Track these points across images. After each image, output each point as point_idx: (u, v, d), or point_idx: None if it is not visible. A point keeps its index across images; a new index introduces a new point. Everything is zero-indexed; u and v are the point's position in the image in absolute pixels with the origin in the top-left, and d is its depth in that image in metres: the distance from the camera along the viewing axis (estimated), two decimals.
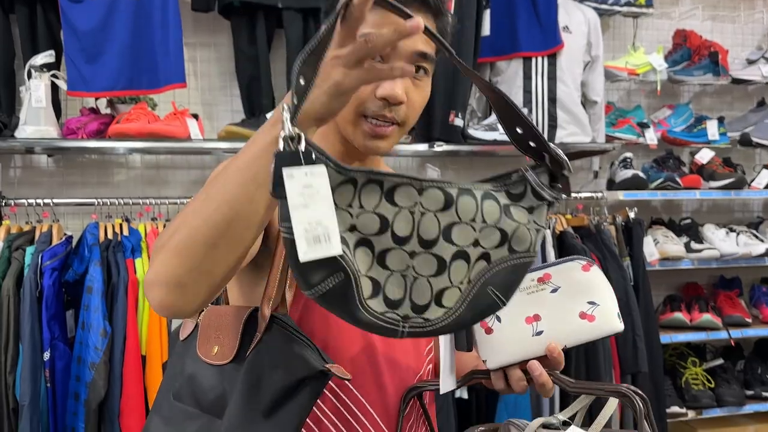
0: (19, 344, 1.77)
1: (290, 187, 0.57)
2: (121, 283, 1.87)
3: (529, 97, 2.37)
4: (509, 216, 0.67)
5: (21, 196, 2.04)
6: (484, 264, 0.66)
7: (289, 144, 0.58)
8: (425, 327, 0.64)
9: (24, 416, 1.71)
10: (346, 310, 0.61)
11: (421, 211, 0.64)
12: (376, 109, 0.82)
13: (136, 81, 2.00)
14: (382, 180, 0.63)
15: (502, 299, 0.66)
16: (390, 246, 0.63)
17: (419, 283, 0.64)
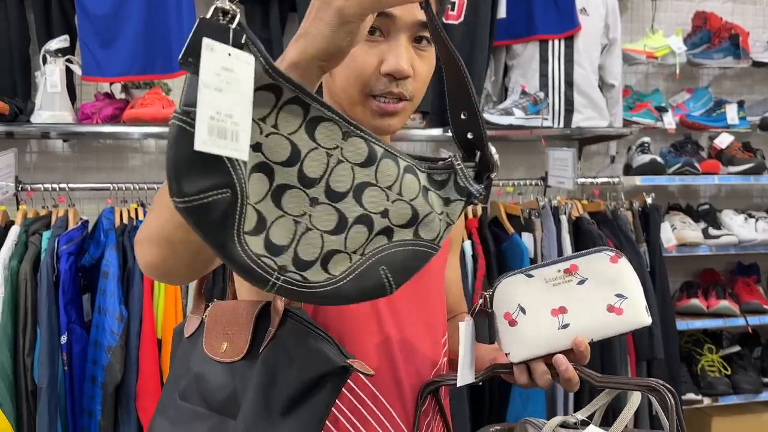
0: (36, 328, 1.79)
1: (207, 61, 0.47)
2: (136, 268, 1.88)
3: (546, 80, 2.34)
4: (426, 198, 0.61)
5: (37, 181, 2.05)
6: (384, 240, 0.59)
7: (220, 17, 0.49)
8: (301, 287, 0.55)
9: (42, 399, 1.73)
10: (218, 238, 0.51)
11: (339, 159, 0.56)
12: (382, 87, 0.79)
13: (150, 66, 2.00)
14: (309, 105, 0.55)
15: (392, 284, 0.60)
16: (292, 183, 0.54)
17: (310, 236, 0.55)
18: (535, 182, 2.33)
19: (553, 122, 2.32)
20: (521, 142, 2.53)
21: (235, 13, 0.50)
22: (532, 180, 2.34)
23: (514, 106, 2.19)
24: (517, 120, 2.17)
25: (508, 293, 0.80)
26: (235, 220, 0.51)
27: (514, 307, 0.80)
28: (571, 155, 2.19)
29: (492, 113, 2.21)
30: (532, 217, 2.13)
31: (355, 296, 0.59)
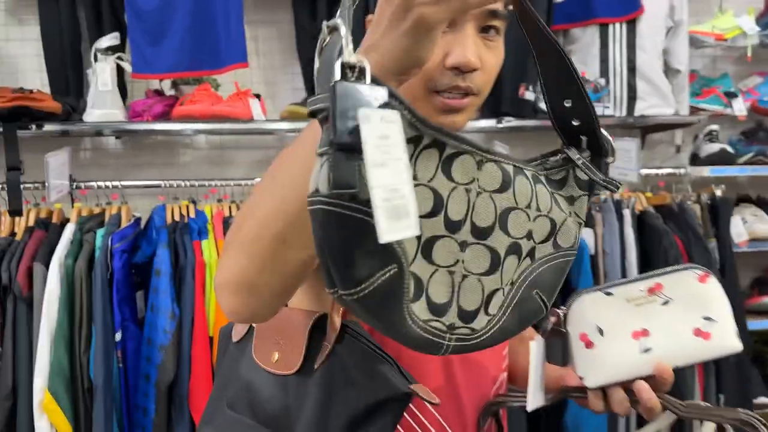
0: (91, 326, 1.80)
1: (368, 136, 0.40)
2: (188, 266, 1.88)
3: (606, 66, 2.22)
4: (557, 204, 0.57)
5: (91, 178, 2.07)
6: (528, 261, 0.55)
7: (348, 75, 0.43)
8: (471, 339, 0.52)
9: (98, 396, 1.75)
10: (389, 317, 0.46)
11: (477, 192, 0.51)
12: (447, 82, 0.71)
13: (198, 62, 1.98)
14: (445, 144, 0.50)
15: (546, 304, 0.57)
16: (439, 233, 0.50)
17: (469, 284, 0.51)
18: None
19: (615, 110, 2.20)
20: None
21: (364, 65, 0.43)
22: None
23: None
24: None
25: (585, 312, 0.73)
26: (404, 294, 0.46)
27: (591, 327, 0.72)
28: (635, 145, 2.07)
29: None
30: (591, 212, 2.03)
31: (517, 329, 0.56)
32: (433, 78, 0.73)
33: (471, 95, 0.74)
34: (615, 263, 1.98)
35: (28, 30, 2.21)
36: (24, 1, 2.21)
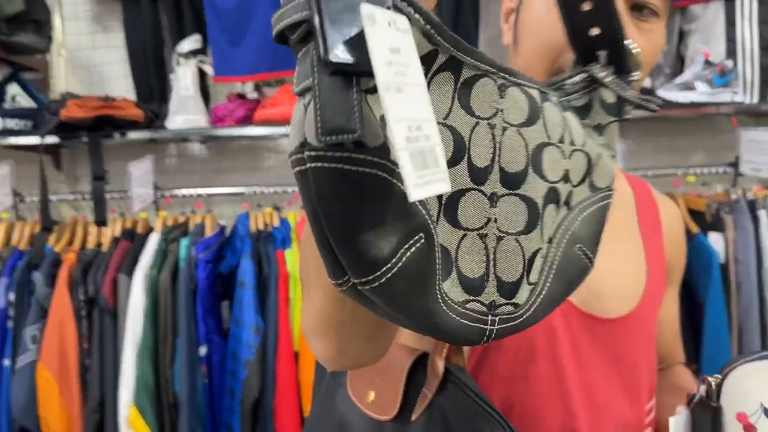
0: (176, 338, 1.76)
1: (376, 45, 0.27)
2: (272, 277, 1.80)
3: (734, 46, 1.93)
4: (590, 136, 0.47)
5: (176, 185, 2.04)
6: (565, 210, 0.44)
7: None
8: (516, 318, 0.40)
9: (183, 411, 1.70)
10: (421, 306, 0.35)
11: (502, 126, 0.39)
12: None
13: (279, 62, 1.89)
14: (462, 64, 0.37)
15: (591, 260, 0.46)
16: (465, 186, 0.37)
17: (505, 247, 0.39)
18: (722, 170, 1.94)
19: (745, 96, 1.92)
20: (700, 120, 2.14)
21: None
22: (719, 167, 1.95)
23: (697, 79, 1.82)
24: (700, 96, 1.81)
25: (745, 386, 0.57)
26: (435, 272, 0.35)
27: (752, 406, 0.56)
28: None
29: (668, 89, 1.86)
30: (721, 213, 1.77)
31: (564, 293, 0.45)
32: (560, 58, 0.62)
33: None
34: (750, 273, 1.71)
35: (114, 37, 2.21)
36: (108, 9, 2.20)
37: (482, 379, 0.67)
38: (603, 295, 0.71)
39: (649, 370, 0.76)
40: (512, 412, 0.66)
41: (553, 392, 0.67)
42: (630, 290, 0.74)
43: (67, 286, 1.75)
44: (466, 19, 2.04)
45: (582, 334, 0.69)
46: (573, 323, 0.69)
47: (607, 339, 0.71)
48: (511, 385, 0.67)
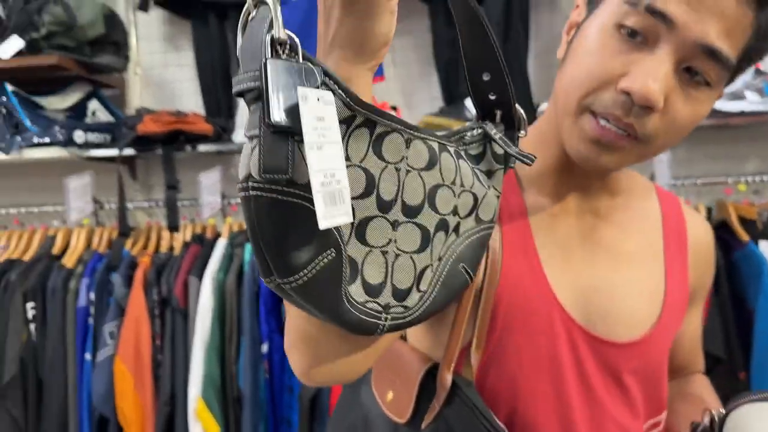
0: (240, 336, 1.87)
1: (306, 116, 0.39)
2: None
3: None
4: (478, 179, 0.57)
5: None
6: (453, 236, 0.55)
7: (280, 51, 0.40)
8: (405, 317, 0.51)
9: (246, 405, 1.82)
10: (329, 303, 0.45)
11: (406, 170, 0.50)
12: (608, 104, 0.59)
13: None
14: (375, 123, 0.47)
15: (471, 276, 0.56)
16: (372, 213, 0.48)
17: (401, 263, 0.50)
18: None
19: None
20: (753, 128, 2.13)
21: (296, 42, 0.41)
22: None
23: (747, 89, 1.83)
24: (750, 105, 1.81)
25: (746, 425, 0.58)
26: (342, 278, 0.45)
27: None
28: None
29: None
30: None
31: (445, 301, 0.54)
32: (596, 93, 0.60)
33: (633, 138, 0.60)
34: None
35: (184, 56, 2.37)
36: (179, 30, 2.36)
37: (488, 391, 0.68)
38: (610, 318, 0.71)
39: (657, 392, 0.75)
40: (515, 427, 0.68)
41: (555, 414, 0.68)
42: (641, 317, 0.72)
43: (142, 287, 1.90)
44: (516, 30, 2.09)
45: (586, 355, 0.69)
46: (578, 344, 0.69)
47: (613, 362, 0.70)
48: (514, 401, 0.68)
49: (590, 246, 0.73)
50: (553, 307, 0.69)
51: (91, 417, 1.88)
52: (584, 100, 0.61)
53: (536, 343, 0.68)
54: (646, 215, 0.78)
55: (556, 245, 0.72)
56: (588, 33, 0.63)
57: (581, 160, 0.65)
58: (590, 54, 0.62)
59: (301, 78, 0.40)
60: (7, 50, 2.02)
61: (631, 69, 0.58)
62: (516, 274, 0.69)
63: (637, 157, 0.64)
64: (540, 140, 0.73)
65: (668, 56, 0.57)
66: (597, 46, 0.61)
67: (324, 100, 0.41)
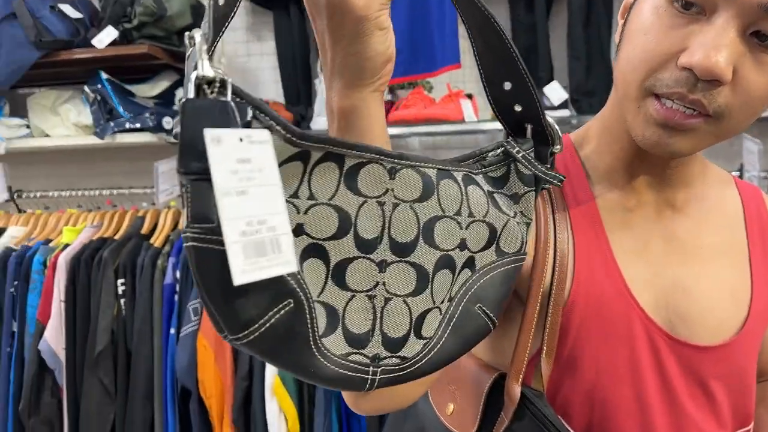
0: None
1: (217, 161, 0.35)
2: None
3: None
4: (496, 206, 0.50)
5: None
6: (468, 273, 0.49)
7: (205, 91, 0.37)
8: (402, 369, 0.45)
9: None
10: (295, 358, 0.40)
11: (393, 202, 0.45)
12: (671, 83, 0.55)
13: (413, 66, 2.01)
14: (344, 156, 0.43)
15: (493, 319, 0.50)
16: (352, 254, 0.44)
17: (393, 307, 0.45)
18: None
19: None
20: None
21: (225, 78, 0.38)
22: None
23: None
24: None
25: None
26: (308, 330, 0.41)
27: None
28: None
29: None
30: None
31: (460, 349, 0.48)
32: (656, 74, 0.56)
33: (704, 116, 0.55)
34: None
35: (266, 45, 2.44)
36: (262, 20, 2.44)
37: (560, 401, 0.66)
38: (693, 320, 0.67)
39: (745, 400, 0.70)
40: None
41: (635, 419, 0.65)
42: (726, 319, 0.68)
43: None
44: (599, 17, 2.04)
45: (668, 359, 0.66)
46: (659, 347, 0.66)
47: (697, 366, 0.67)
48: (590, 409, 0.65)
49: (669, 242, 0.69)
50: (632, 309, 0.65)
51: (174, 388, 2.00)
52: (645, 82, 0.57)
53: (614, 348, 0.65)
54: (725, 208, 0.73)
55: (633, 242, 0.68)
56: (640, 12, 0.60)
57: (650, 146, 0.60)
58: (645, 33, 0.57)
59: (226, 117, 0.37)
60: (102, 40, 2.14)
61: (690, 42, 0.53)
62: (590, 276, 0.65)
63: (712, 137, 0.58)
64: (606, 133, 0.68)
65: (729, 23, 0.52)
66: (651, 24, 0.57)
67: (252, 140, 0.37)
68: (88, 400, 2.00)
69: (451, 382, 0.68)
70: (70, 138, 2.27)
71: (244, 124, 0.38)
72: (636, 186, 0.69)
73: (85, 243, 2.11)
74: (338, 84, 0.46)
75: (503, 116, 0.53)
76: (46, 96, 2.30)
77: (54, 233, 2.23)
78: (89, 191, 2.32)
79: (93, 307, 2.04)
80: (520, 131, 0.53)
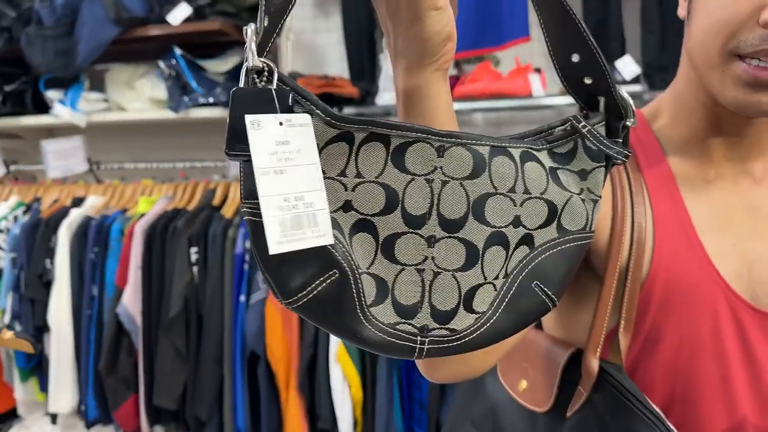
0: None
1: (257, 143, 0.40)
2: None
3: None
4: (558, 183, 0.49)
5: None
6: (526, 250, 0.48)
7: (255, 79, 0.42)
8: (452, 341, 0.46)
9: None
10: (342, 324, 0.44)
11: (442, 180, 0.46)
12: (755, 43, 0.56)
13: (480, 39, 2.00)
14: (389, 135, 0.45)
15: (552, 297, 0.49)
16: (400, 230, 0.46)
17: (442, 281, 0.46)
18: None
19: None
20: None
21: (272, 68, 0.42)
22: None
23: None
24: None
25: None
26: (354, 299, 0.44)
27: None
28: None
29: None
30: None
31: (515, 325, 0.48)
32: (737, 35, 0.57)
33: None
34: None
35: (333, 21, 2.47)
36: None
37: (640, 376, 0.66)
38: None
39: None
40: (673, 410, 0.65)
41: (718, 390, 0.65)
42: None
43: None
44: None
45: (752, 330, 0.66)
46: (742, 318, 0.66)
47: None
48: (671, 382, 0.66)
49: (749, 212, 0.69)
50: (714, 282, 0.66)
51: (243, 352, 2.08)
52: (727, 46, 0.58)
53: (697, 321, 0.65)
54: None
55: (713, 214, 0.68)
56: None
57: (742, 107, 0.60)
58: (715, 2, 0.59)
59: (269, 104, 0.41)
60: (177, 16, 2.22)
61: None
62: (671, 249, 0.66)
63: None
64: (679, 105, 0.69)
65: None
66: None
67: (292, 123, 0.41)
68: (162, 362, 2.11)
69: (523, 359, 0.69)
70: (145, 112, 2.37)
71: (285, 109, 0.42)
72: (713, 157, 0.69)
73: (159, 213, 2.21)
74: (401, 65, 0.47)
75: (574, 90, 0.52)
76: (122, 71, 2.40)
77: (130, 203, 2.34)
78: (163, 164, 2.42)
79: (167, 273, 2.14)
80: (593, 105, 0.52)
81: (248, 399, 2.06)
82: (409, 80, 0.47)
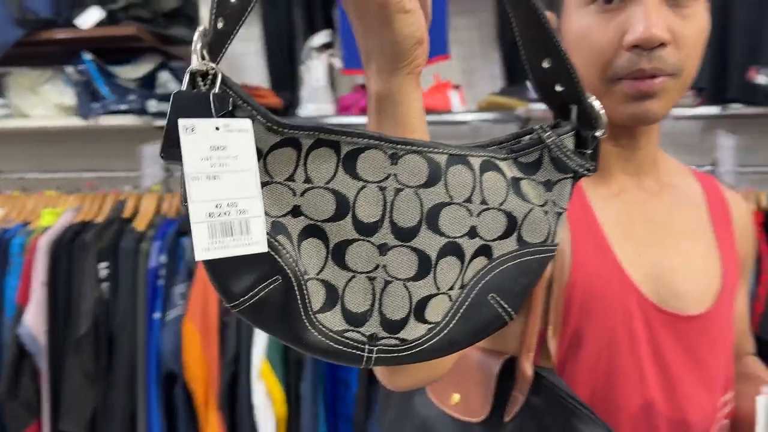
0: None
1: (189, 147, 0.39)
2: None
3: None
4: (519, 194, 0.48)
5: None
6: (483, 261, 0.48)
7: (197, 83, 0.41)
8: (401, 351, 0.46)
9: (307, 367, 1.90)
10: (287, 329, 0.43)
11: (396, 187, 0.45)
12: (627, 65, 0.64)
13: None
14: (338, 141, 0.44)
15: (508, 311, 0.48)
16: (351, 237, 0.45)
17: (393, 290, 0.45)
18: None
19: None
20: None
21: (216, 71, 0.41)
22: None
23: None
24: None
25: None
26: (299, 305, 0.43)
27: None
28: None
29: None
30: None
31: (470, 337, 0.47)
32: (611, 63, 0.65)
33: (665, 76, 0.64)
34: None
35: (252, 30, 2.43)
36: None
37: (566, 377, 0.70)
38: (680, 293, 0.73)
39: (726, 364, 0.76)
40: (594, 403, 0.69)
41: (633, 385, 0.70)
42: (705, 290, 0.75)
43: None
44: None
45: (661, 331, 0.71)
46: (652, 321, 0.71)
47: (685, 335, 0.72)
48: (593, 379, 0.70)
49: (648, 224, 0.76)
50: (626, 286, 0.71)
51: (158, 372, 1.99)
52: (606, 74, 0.65)
53: (613, 323, 0.70)
54: (689, 194, 0.81)
55: (619, 224, 0.74)
56: (570, 26, 0.69)
57: (634, 119, 0.67)
58: (584, 38, 0.66)
59: (204, 108, 0.40)
60: (87, 20, 2.11)
61: (626, 26, 0.63)
62: (587, 257, 0.71)
63: (677, 92, 0.67)
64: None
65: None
66: (587, 28, 0.66)
67: (230, 128, 0.40)
68: (69, 384, 1.98)
69: (454, 372, 0.69)
70: (51, 119, 2.23)
71: (225, 113, 0.41)
72: (613, 172, 0.76)
73: (65, 226, 2.08)
74: (373, 69, 0.47)
75: (547, 98, 0.52)
76: (25, 76, 2.25)
77: (33, 215, 2.19)
78: (69, 173, 2.29)
79: (75, 291, 2.01)
80: (564, 113, 0.51)
81: (165, 421, 1.97)
82: (381, 84, 0.47)
